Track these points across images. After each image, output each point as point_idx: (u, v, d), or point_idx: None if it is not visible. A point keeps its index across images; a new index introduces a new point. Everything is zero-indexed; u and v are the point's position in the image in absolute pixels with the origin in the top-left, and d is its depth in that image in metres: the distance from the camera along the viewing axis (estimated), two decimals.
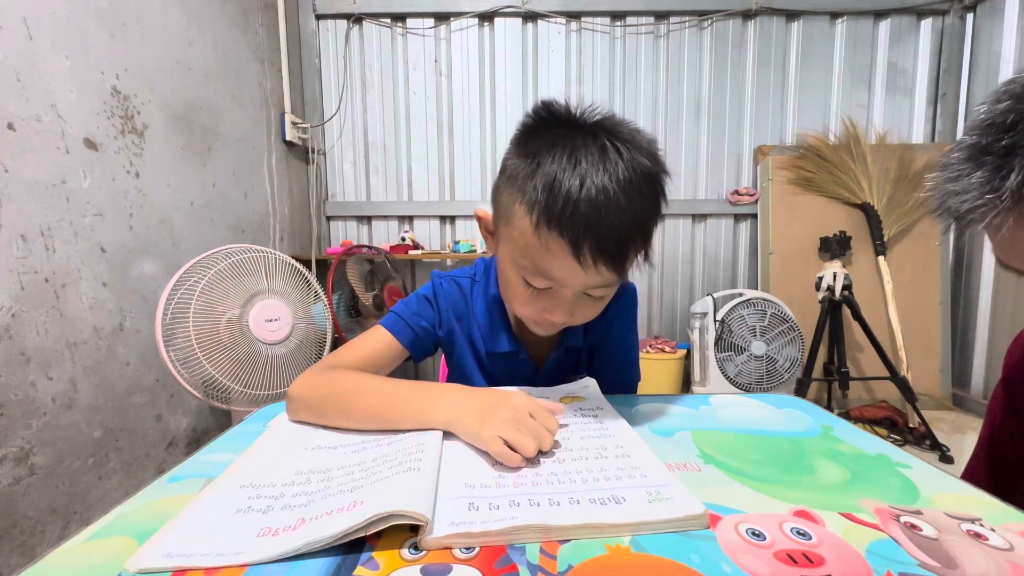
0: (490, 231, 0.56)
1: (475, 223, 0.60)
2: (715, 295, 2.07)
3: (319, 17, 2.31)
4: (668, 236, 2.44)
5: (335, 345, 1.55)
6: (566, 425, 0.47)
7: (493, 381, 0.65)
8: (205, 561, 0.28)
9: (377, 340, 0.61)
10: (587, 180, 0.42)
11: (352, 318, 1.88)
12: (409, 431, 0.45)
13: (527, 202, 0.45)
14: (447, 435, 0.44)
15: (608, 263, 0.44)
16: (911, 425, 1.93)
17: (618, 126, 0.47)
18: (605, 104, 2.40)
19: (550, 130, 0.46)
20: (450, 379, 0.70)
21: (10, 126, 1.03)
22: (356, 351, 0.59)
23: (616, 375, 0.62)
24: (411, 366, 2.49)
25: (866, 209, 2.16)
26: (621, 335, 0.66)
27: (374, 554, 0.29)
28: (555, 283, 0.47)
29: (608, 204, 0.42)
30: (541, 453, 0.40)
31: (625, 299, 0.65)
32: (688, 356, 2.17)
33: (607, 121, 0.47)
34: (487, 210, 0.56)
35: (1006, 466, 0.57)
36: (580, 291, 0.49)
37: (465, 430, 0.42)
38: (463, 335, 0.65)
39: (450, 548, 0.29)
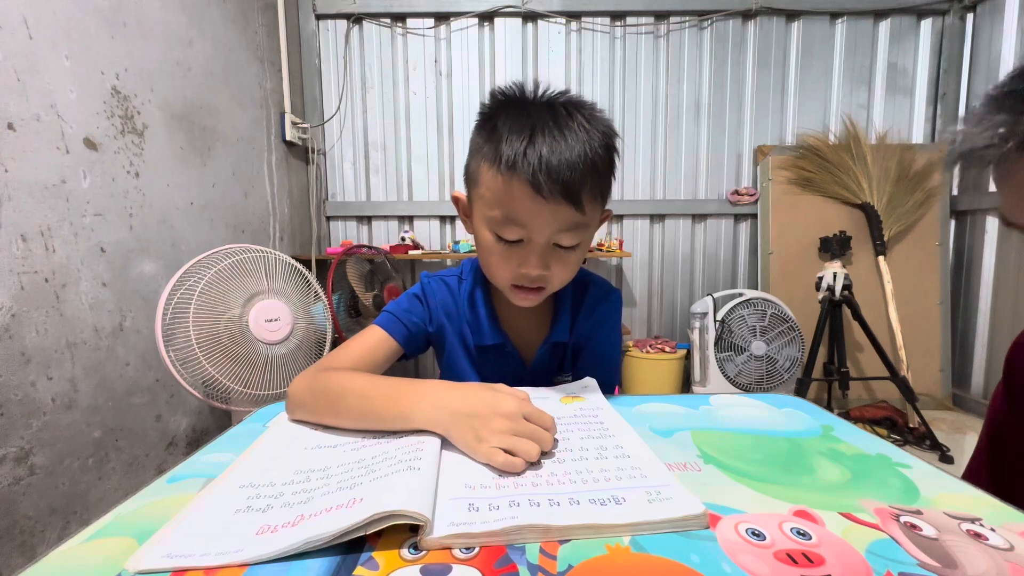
0: (467, 213, 0.60)
1: None
2: (715, 295, 2.07)
3: (319, 17, 2.31)
4: (668, 236, 2.44)
5: (335, 345, 1.55)
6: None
7: (483, 377, 0.66)
8: (205, 561, 0.28)
9: (372, 338, 0.62)
10: (537, 129, 0.49)
11: (352, 318, 1.88)
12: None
13: (489, 157, 0.51)
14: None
15: (564, 195, 0.48)
16: (911, 425, 1.93)
17: (570, 98, 0.53)
18: (605, 104, 2.39)
19: (508, 107, 0.52)
20: (442, 376, 0.71)
21: (10, 126, 1.03)
22: (352, 350, 0.60)
23: (598, 375, 0.62)
24: (410, 365, 2.50)
25: (866, 209, 2.16)
26: (605, 337, 0.67)
27: (374, 554, 0.29)
28: (524, 229, 0.52)
29: (559, 144, 0.48)
30: (542, 453, 0.40)
31: (611, 302, 0.68)
32: (688, 356, 2.17)
33: (560, 96, 0.53)
34: (462, 192, 0.60)
35: (1007, 466, 0.57)
36: (549, 237, 0.52)
37: (460, 442, 0.41)
38: (453, 331, 0.67)
39: (450, 548, 0.29)
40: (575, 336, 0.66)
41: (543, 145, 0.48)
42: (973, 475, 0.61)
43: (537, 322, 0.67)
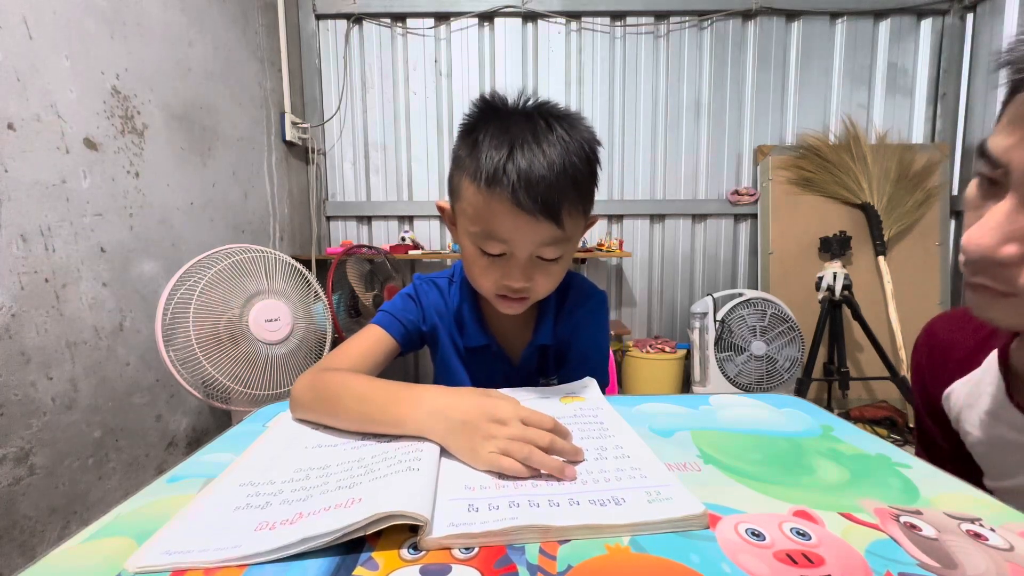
0: (452, 223, 0.60)
1: None
2: (715, 295, 2.07)
3: (319, 17, 2.31)
4: (668, 236, 2.44)
5: (335, 345, 1.55)
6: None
7: (473, 376, 0.68)
8: (203, 556, 0.28)
9: (371, 337, 0.63)
10: (516, 144, 0.49)
11: (352, 318, 1.88)
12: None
13: (470, 172, 0.51)
14: None
15: (544, 211, 0.49)
16: (911, 425, 1.93)
17: (552, 108, 0.53)
18: (605, 104, 2.38)
19: (489, 119, 0.52)
20: (436, 375, 0.72)
21: (10, 126, 1.03)
22: (352, 349, 0.61)
23: (585, 377, 0.62)
24: (411, 368, 2.50)
25: (866, 209, 2.16)
26: (588, 338, 0.67)
27: (373, 554, 0.29)
28: (506, 243, 0.52)
29: (536, 161, 0.48)
30: (575, 462, 0.39)
31: (591, 304, 0.68)
32: (688, 356, 2.17)
33: (543, 106, 0.53)
34: (447, 201, 0.61)
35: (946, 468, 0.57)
36: (531, 252, 0.53)
37: (457, 451, 0.40)
38: (444, 331, 0.68)
39: (449, 548, 0.29)
40: (557, 339, 0.67)
41: (521, 160, 0.48)
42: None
43: (522, 324, 0.67)
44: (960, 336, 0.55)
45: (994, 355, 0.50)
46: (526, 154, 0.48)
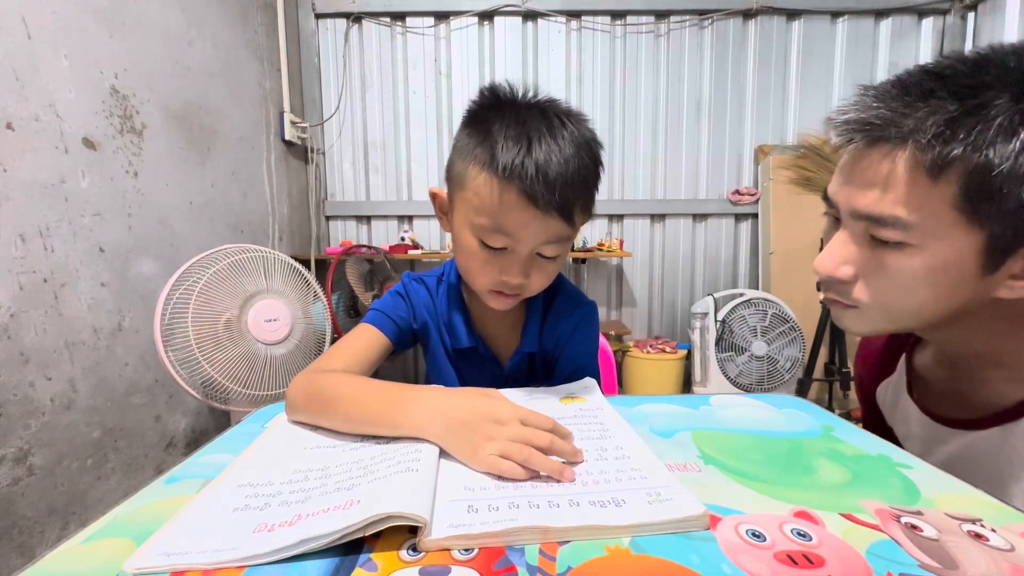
0: (444, 211, 0.59)
1: None
2: (716, 295, 2.07)
3: (319, 16, 2.31)
4: (668, 236, 2.44)
5: None
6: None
7: (463, 377, 0.67)
8: (202, 558, 0.28)
9: (363, 336, 0.62)
10: (533, 138, 0.48)
11: (351, 318, 1.88)
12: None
13: (482, 161, 0.49)
14: None
15: (558, 209, 0.48)
16: None
17: (560, 105, 0.53)
18: (605, 104, 2.37)
19: (500, 109, 0.51)
20: (428, 374, 0.72)
21: (9, 126, 1.03)
22: (345, 349, 0.60)
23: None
24: (411, 366, 2.49)
25: None
26: (574, 350, 0.66)
27: (372, 555, 0.29)
28: (511, 238, 0.51)
29: (554, 157, 0.48)
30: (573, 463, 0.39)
31: (581, 314, 0.67)
32: (689, 356, 2.17)
33: (549, 101, 0.53)
34: (442, 189, 0.59)
35: None
36: (534, 248, 0.52)
37: (456, 452, 0.40)
38: (434, 331, 0.67)
39: (449, 549, 0.29)
40: (543, 345, 0.66)
41: (540, 155, 0.47)
42: None
43: (510, 327, 0.66)
44: (885, 343, 0.61)
45: (904, 357, 0.56)
46: (543, 149, 0.47)
